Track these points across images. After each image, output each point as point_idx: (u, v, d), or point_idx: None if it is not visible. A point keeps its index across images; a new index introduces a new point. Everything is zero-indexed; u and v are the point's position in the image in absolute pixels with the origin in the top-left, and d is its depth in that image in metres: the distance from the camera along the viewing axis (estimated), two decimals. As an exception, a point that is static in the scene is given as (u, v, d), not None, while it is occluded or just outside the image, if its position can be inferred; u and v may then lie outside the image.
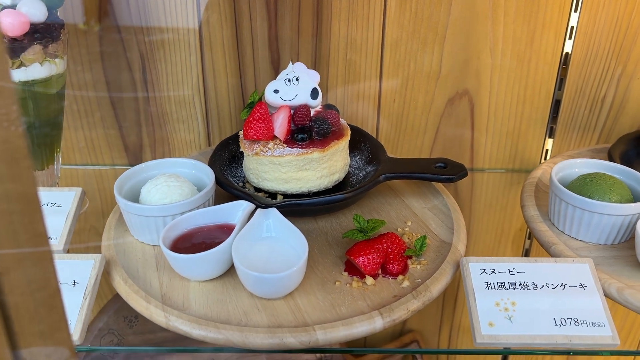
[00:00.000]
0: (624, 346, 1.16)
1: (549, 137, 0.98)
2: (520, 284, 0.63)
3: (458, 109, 0.96)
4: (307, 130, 0.75)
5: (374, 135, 0.98)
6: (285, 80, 0.77)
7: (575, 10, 0.89)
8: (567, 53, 0.92)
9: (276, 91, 0.76)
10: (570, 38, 0.91)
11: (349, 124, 0.88)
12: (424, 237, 0.69)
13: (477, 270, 0.64)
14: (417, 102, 0.95)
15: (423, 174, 0.76)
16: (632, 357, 0.93)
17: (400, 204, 0.80)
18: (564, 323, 0.60)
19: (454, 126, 0.97)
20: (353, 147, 0.87)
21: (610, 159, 0.83)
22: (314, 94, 0.76)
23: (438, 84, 0.94)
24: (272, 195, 0.78)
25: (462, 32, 0.90)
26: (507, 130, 0.97)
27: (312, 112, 0.77)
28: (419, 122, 0.97)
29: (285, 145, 0.75)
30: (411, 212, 0.78)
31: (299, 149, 0.74)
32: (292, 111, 0.76)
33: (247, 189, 0.79)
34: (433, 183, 0.82)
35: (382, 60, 0.92)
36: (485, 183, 1.02)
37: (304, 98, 0.76)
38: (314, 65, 0.93)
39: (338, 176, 0.79)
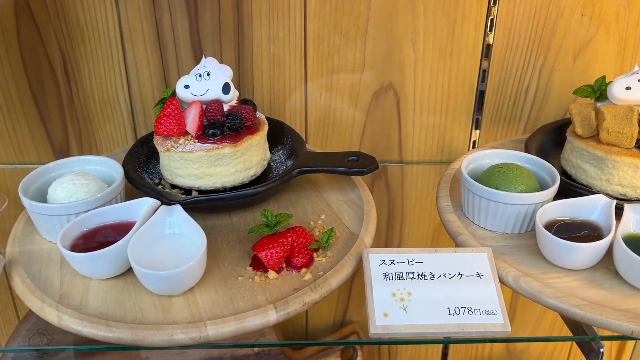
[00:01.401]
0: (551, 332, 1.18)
1: (476, 128, 0.99)
2: (418, 274, 0.64)
3: (384, 103, 0.97)
4: (219, 126, 0.75)
5: (303, 130, 0.99)
6: (196, 75, 0.76)
7: (494, 3, 0.90)
8: (488, 45, 0.93)
9: (187, 86, 0.76)
10: (490, 30, 0.92)
11: (272, 118, 0.88)
12: (331, 229, 0.70)
13: (376, 261, 0.65)
14: (343, 96, 0.96)
15: (336, 168, 0.77)
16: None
17: (318, 198, 0.80)
18: (457, 312, 0.61)
19: (381, 119, 0.98)
20: (276, 142, 0.88)
21: (527, 149, 0.84)
22: (225, 88, 0.76)
23: (363, 77, 0.94)
24: (188, 191, 0.78)
25: (383, 25, 0.91)
26: (434, 123, 0.98)
27: (226, 107, 0.77)
28: (346, 116, 0.97)
29: (196, 140, 0.75)
30: (327, 205, 0.78)
31: (210, 144, 0.74)
32: (204, 106, 0.76)
33: (161, 186, 0.79)
34: (352, 176, 0.82)
35: (306, 54, 0.93)
36: (415, 175, 1.03)
37: (215, 93, 0.76)
38: (238, 59, 0.93)
39: (254, 171, 0.79)
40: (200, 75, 0.76)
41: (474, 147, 1.01)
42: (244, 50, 0.92)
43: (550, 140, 0.88)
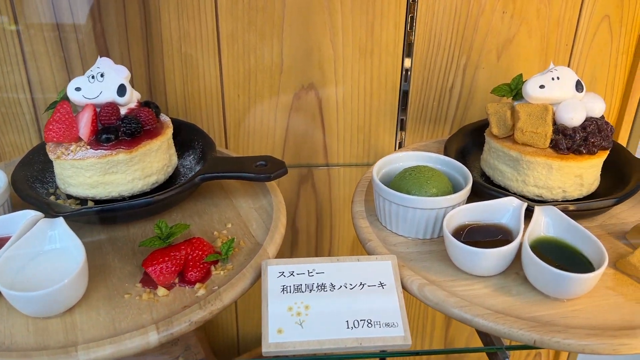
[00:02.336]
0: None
1: (401, 129, 0.97)
2: (317, 286, 0.60)
3: (306, 103, 0.93)
4: (114, 130, 0.70)
5: (222, 133, 0.94)
6: (88, 77, 0.71)
7: (414, 1, 0.87)
8: (409, 43, 0.90)
9: (78, 89, 0.71)
10: (411, 28, 0.89)
11: (183, 121, 0.83)
12: (232, 240, 0.65)
13: (275, 274, 0.61)
14: (262, 97, 0.92)
15: (241, 173, 0.72)
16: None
17: (228, 205, 0.76)
18: (356, 325, 0.57)
19: (304, 121, 0.94)
20: (187, 146, 0.83)
21: (446, 151, 0.82)
22: (120, 90, 0.71)
23: (282, 77, 0.91)
24: (84, 201, 0.72)
25: (299, 23, 0.87)
26: (358, 124, 0.95)
27: (124, 110, 0.72)
28: (267, 118, 0.93)
29: (89, 147, 0.69)
30: (236, 214, 0.74)
31: (103, 150, 0.69)
32: (98, 110, 0.71)
33: (54, 197, 0.73)
34: (265, 182, 0.78)
35: (220, 53, 0.88)
36: (343, 178, 0.99)
37: (109, 95, 0.71)
38: (147, 60, 0.88)
39: (156, 178, 0.74)
40: (93, 77, 0.71)
41: (400, 148, 0.98)
42: (154, 50, 0.87)
43: (472, 141, 0.86)
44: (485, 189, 0.73)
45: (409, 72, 0.92)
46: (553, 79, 0.74)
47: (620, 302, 0.60)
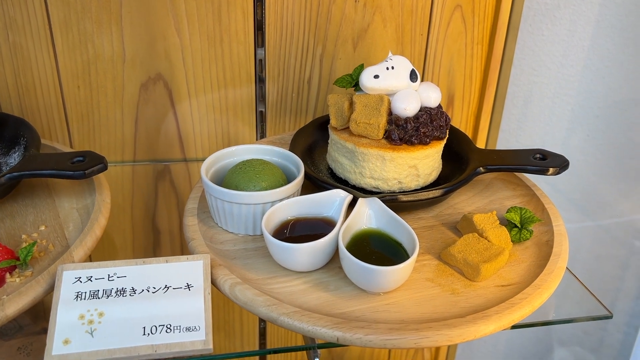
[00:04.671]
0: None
1: (261, 121, 0.94)
2: (117, 291, 0.56)
3: (155, 95, 0.88)
4: None
5: (65, 129, 0.88)
6: None
7: (260, -13, 0.84)
8: (260, 32, 0.87)
9: None
10: (260, 17, 0.86)
11: (10, 115, 0.77)
12: (32, 244, 0.60)
13: (70, 279, 0.56)
14: (106, 89, 0.86)
15: (53, 171, 0.66)
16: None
17: (48, 206, 0.70)
18: (153, 331, 0.53)
19: (155, 114, 0.89)
20: (14, 142, 0.76)
21: (292, 145, 0.79)
22: None
23: (125, 68, 0.85)
24: None
25: (139, 11, 0.82)
26: (215, 116, 0.91)
27: None
28: (113, 112, 0.88)
29: None
30: (54, 214, 0.69)
31: None
32: None
33: None
34: (94, 179, 0.73)
35: (54, 43, 0.82)
36: (203, 173, 0.95)
37: None
38: (-31, 49, 0.80)
39: None
40: None
41: (261, 140, 0.95)
42: (-24, 38, 0.80)
43: (321, 134, 0.84)
44: (318, 181, 0.71)
45: (263, 62, 0.89)
46: (388, 68, 0.73)
47: (435, 294, 0.60)
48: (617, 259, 1.27)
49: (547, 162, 0.72)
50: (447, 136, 0.75)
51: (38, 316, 1.03)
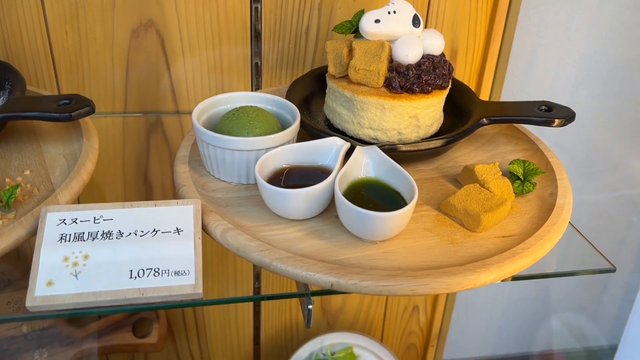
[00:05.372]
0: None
1: (257, 73, 0.90)
2: (103, 234, 0.54)
3: (146, 43, 0.84)
4: None
5: (53, 76, 0.84)
6: None
7: None
8: (257, -22, 0.83)
9: None
10: (257, -39, 0.82)
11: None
12: (15, 187, 0.58)
13: (54, 221, 0.54)
14: (95, 35, 0.82)
15: (37, 113, 0.63)
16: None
17: (34, 151, 0.67)
18: (140, 275, 0.52)
19: (146, 63, 0.86)
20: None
21: (288, 95, 0.76)
22: None
23: (115, 13, 0.81)
24: None
25: (129, -49, 0.78)
26: (209, 67, 0.88)
27: None
28: (103, 59, 0.84)
29: None
30: (40, 160, 0.66)
31: None
32: None
33: None
34: (82, 126, 0.70)
35: (39, -17, 0.78)
36: (196, 127, 0.92)
37: None
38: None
39: None
40: None
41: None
42: (-43, -24, 0.76)
43: (319, 85, 0.80)
44: (314, 130, 0.68)
45: (259, 11, 0.85)
46: (389, 12, 0.69)
47: (434, 243, 0.58)
48: (619, 224, 1.26)
49: (553, 113, 0.69)
50: (450, 86, 0.72)
51: (28, 271, 1.01)
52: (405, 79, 0.68)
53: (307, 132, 0.69)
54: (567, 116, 0.69)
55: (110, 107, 0.88)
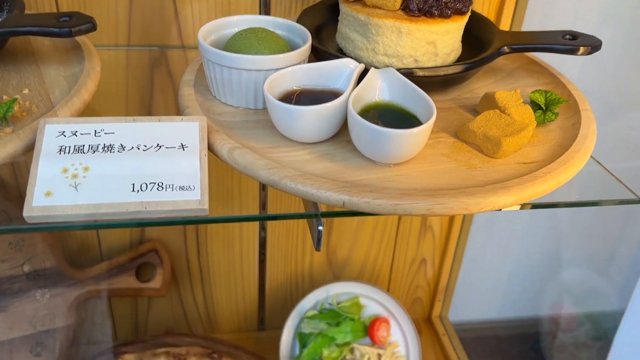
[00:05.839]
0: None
1: (265, 5, 0.87)
2: (104, 147, 0.51)
3: (149, -30, 0.81)
4: None
5: (54, 2, 0.81)
6: None
7: None
8: None
9: None
10: None
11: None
12: (12, 100, 0.55)
13: (53, 133, 0.51)
14: (97, -40, 0.79)
15: (37, 28, 0.60)
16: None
17: (33, 72, 0.64)
18: (143, 188, 0.49)
19: (151, -8, 0.82)
20: (-6, 9, 0.70)
21: (299, 21, 0.73)
22: None
23: (118, -64, 0.78)
24: None
25: None
26: (215, 0, 0.84)
27: None
28: (106, -13, 0.81)
29: None
30: (39, 80, 0.63)
31: None
32: None
33: None
34: (83, 48, 0.67)
35: None
36: (202, 64, 0.89)
37: None
38: None
39: None
40: None
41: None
42: None
43: (331, 14, 0.77)
44: (326, 54, 0.65)
45: (268, -63, 0.81)
46: None
47: (451, 168, 0.55)
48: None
49: (578, 41, 0.66)
50: (470, 13, 0.68)
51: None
52: (423, 2, 0.64)
53: (319, 59, 0.66)
54: (593, 44, 0.65)
55: (113, 40, 0.85)
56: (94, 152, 0.51)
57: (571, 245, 1.39)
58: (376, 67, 0.67)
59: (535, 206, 0.56)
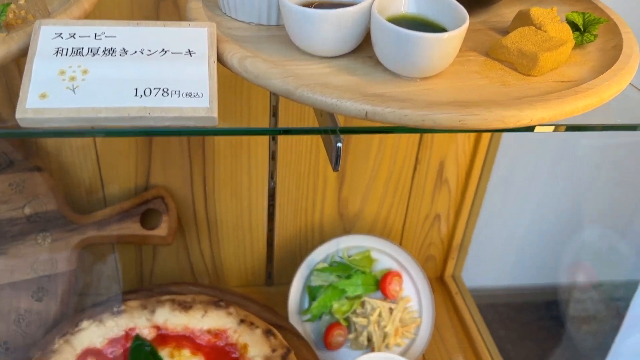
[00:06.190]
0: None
1: None
2: (104, 50, 0.47)
3: None
4: None
5: None
6: None
7: None
8: None
9: None
10: None
11: None
12: (6, 5, 0.50)
13: (49, 34, 0.47)
14: None
15: None
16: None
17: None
18: (147, 94, 0.45)
19: None
20: None
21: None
22: None
23: None
24: None
25: None
26: None
27: None
28: None
29: None
30: (36, -7, 0.59)
31: None
32: None
33: None
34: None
35: None
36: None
37: None
38: None
39: None
40: None
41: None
42: None
43: None
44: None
45: None
46: None
47: (483, 84, 0.50)
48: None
49: (622, -42, 0.61)
50: None
51: (30, 152, 0.96)
52: None
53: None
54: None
55: (116, -34, 0.80)
56: (94, 55, 0.46)
57: (591, 209, 1.34)
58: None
59: (572, 128, 0.51)
